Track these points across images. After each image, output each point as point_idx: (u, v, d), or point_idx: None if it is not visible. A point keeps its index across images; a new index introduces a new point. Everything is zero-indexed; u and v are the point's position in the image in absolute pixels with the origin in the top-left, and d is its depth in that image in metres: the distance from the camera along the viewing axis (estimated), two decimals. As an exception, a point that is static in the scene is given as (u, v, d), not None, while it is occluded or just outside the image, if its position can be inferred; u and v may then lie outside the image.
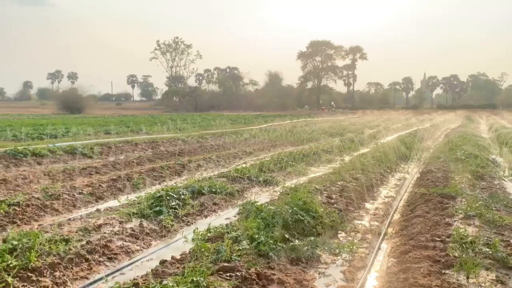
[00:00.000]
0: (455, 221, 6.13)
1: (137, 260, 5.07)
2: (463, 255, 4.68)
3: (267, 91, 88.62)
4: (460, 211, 6.50)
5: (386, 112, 61.68)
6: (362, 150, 14.99)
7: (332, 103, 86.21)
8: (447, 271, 4.40)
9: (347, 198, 7.69)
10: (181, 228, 6.32)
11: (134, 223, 6.13)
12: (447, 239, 5.22)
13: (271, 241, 4.95)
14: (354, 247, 5.46)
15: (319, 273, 4.70)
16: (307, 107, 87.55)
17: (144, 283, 3.92)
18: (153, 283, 3.82)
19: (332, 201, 7.36)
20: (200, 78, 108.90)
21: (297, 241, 5.21)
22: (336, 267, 4.90)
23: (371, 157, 11.94)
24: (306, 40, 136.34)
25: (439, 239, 5.26)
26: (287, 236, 5.25)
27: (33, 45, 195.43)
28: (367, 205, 7.85)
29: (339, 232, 6.11)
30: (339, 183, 8.69)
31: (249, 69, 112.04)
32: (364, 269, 4.84)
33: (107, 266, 4.84)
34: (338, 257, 5.17)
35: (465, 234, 5.32)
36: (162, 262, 4.67)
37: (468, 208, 6.58)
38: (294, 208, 5.90)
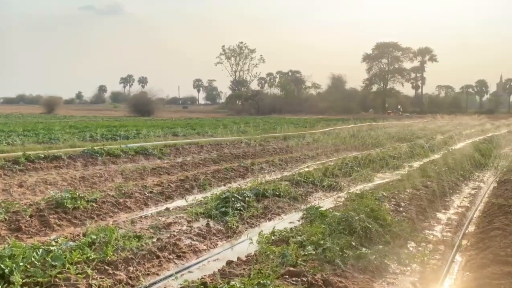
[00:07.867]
0: (540, 236, 5.63)
1: (204, 260, 5.21)
2: (551, 274, 4.28)
3: (329, 94, 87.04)
4: (546, 226, 5.96)
5: (457, 116, 58.07)
6: (432, 157, 14.25)
7: (399, 106, 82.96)
8: (532, 290, 4.05)
9: (417, 207, 7.35)
10: (245, 230, 6.40)
11: (201, 222, 6.31)
12: (532, 255, 4.80)
13: (337, 248, 4.86)
14: (426, 258, 5.19)
15: (387, 283, 4.54)
16: (372, 110, 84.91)
17: (212, 282, 4.01)
18: (220, 283, 3.90)
19: (401, 209, 7.08)
20: (263, 81, 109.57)
21: (364, 249, 5.06)
22: (406, 278, 4.69)
23: (442, 164, 11.33)
24: (371, 42, 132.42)
25: (522, 255, 4.86)
26: (353, 243, 5.12)
27: (108, 51, 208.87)
28: (439, 215, 7.45)
29: (408, 241, 5.85)
30: (408, 190, 8.33)
31: (312, 72, 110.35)
32: (437, 282, 4.59)
33: (176, 263, 5.01)
34: (408, 268, 4.95)
35: (553, 251, 4.86)
36: (229, 263, 4.75)
37: (556, 223, 6.01)
38: (361, 215, 5.74)
